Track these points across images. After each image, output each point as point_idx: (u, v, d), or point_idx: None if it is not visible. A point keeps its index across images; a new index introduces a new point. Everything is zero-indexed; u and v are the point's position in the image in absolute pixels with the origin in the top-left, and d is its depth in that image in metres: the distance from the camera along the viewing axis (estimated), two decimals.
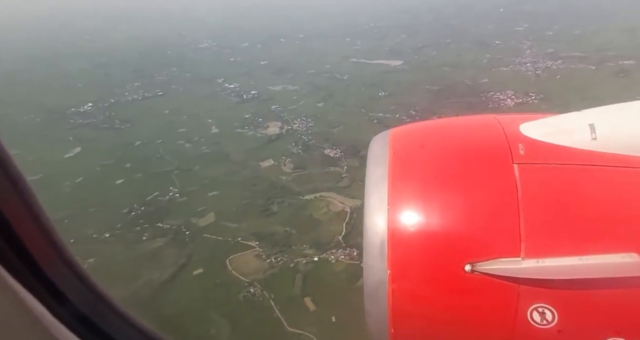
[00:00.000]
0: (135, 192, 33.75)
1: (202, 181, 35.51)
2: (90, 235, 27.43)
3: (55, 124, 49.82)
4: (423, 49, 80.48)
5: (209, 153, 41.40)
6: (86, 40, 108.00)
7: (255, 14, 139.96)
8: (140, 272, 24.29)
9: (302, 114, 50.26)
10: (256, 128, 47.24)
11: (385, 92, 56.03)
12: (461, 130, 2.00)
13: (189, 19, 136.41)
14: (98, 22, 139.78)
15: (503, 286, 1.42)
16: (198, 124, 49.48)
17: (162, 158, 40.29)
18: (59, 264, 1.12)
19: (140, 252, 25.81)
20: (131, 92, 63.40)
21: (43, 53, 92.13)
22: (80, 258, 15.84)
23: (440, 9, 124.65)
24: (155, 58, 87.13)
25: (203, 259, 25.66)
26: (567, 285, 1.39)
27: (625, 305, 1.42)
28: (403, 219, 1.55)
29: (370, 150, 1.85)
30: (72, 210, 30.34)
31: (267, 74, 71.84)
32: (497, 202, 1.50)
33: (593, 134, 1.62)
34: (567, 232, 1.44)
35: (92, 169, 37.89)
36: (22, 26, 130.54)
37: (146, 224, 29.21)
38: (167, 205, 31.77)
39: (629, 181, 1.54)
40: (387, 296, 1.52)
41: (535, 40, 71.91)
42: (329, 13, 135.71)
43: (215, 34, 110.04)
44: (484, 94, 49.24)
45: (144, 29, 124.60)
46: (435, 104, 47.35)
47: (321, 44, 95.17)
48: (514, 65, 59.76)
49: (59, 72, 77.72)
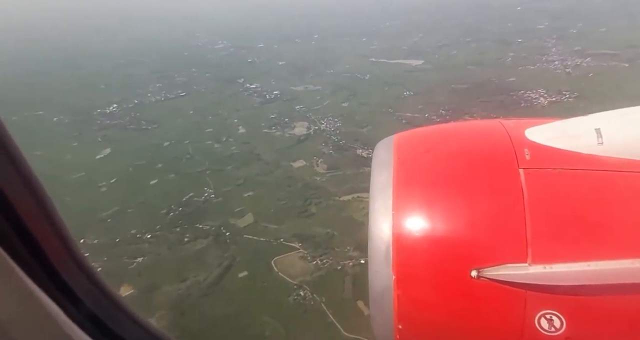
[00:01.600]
0: (170, 192, 33.70)
1: (235, 181, 35.35)
2: (134, 235, 27.40)
3: (84, 125, 50.16)
4: (443, 48, 79.69)
5: (239, 153, 41.25)
6: (102, 41, 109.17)
7: (266, 14, 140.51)
8: (186, 273, 24.15)
9: (328, 114, 49.88)
10: (283, 128, 46.99)
11: (410, 91, 55.40)
12: (466, 135, 1.98)
13: (200, 20, 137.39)
14: (111, 23, 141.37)
15: (510, 292, 1.40)
16: (224, 124, 49.42)
17: (192, 158, 40.25)
18: (72, 264, 1.12)
19: (184, 254, 25.67)
20: (154, 93, 63.68)
21: (61, 54, 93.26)
22: (129, 257, 15.81)
23: (453, 8, 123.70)
24: (173, 59, 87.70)
25: (247, 261, 25.41)
26: (575, 292, 1.36)
27: (635, 312, 1.38)
28: (408, 224, 1.54)
29: (375, 155, 1.84)
30: (112, 211, 30.44)
31: (287, 74, 71.72)
32: (502, 207, 1.49)
33: (599, 139, 1.60)
34: (574, 237, 1.42)
35: (125, 170, 37.97)
36: (37, 27, 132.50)
37: (185, 224, 29.09)
38: (204, 206, 31.64)
39: (636, 186, 1.51)
40: (392, 301, 1.51)
41: (560, 39, 70.64)
42: (339, 13, 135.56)
43: (230, 35, 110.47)
44: (514, 92, 48.34)
45: (158, 29, 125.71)
46: (465, 103, 46.61)
47: (337, 44, 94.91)
48: (541, 64, 58.68)
49: (80, 73, 78.54)
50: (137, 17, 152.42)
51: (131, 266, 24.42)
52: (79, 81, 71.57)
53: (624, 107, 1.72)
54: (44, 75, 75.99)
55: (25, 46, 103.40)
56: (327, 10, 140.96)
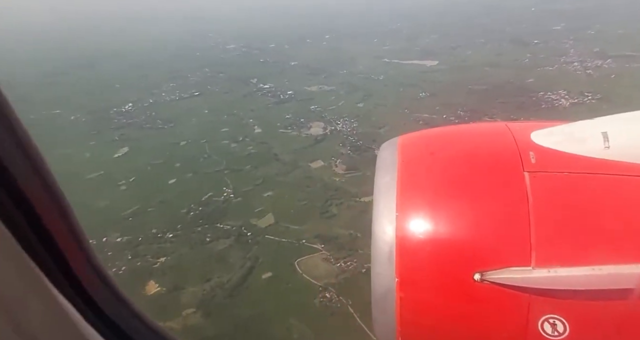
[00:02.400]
0: (189, 192, 33.64)
1: (254, 181, 35.18)
2: (155, 235, 27.34)
3: (100, 123, 50.49)
4: (457, 49, 79.05)
5: (256, 153, 41.13)
6: (116, 42, 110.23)
7: (276, 15, 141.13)
8: (210, 273, 23.98)
9: (344, 115, 49.60)
10: (300, 128, 46.80)
11: (426, 92, 54.92)
12: (471, 137, 1.98)
13: (211, 21, 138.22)
14: (125, 24, 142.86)
15: (513, 296, 1.39)
16: (240, 124, 49.40)
17: (210, 158, 40.22)
18: (90, 271, 1.16)
19: (207, 254, 25.52)
20: (168, 93, 64.03)
21: (77, 54, 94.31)
22: (152, 257, 15.56)
23: (465, 9, 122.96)
24: (187, 59, 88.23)
25: (270, 262, 25.16)
26: (579, 296, 1.36)
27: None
28: (412, 226, 1.53)
29: (379, 156, 1.83)
30: (133, 209, 30.45)
31: (300, 74, 71.66)
32: (507, 211, 1.48)
33: (606, 143, 1.58)
34: (579, 241, 1.41)
35: (144, 169, 38.03)
36: (53, 28, 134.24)
37: (206, 224, 28.96)
38: (224, 206, 31.50)
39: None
40: (395, 304, 1.50)
41: (578, 40, 69.63)
42: (348, 14, 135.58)
43: (241, 36, 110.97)
44: (534, 94, 47.61)
45: (171, 30, 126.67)
46: (484, 104, 46.00)
47: (349, 45, 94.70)
48: (560, 65, 57.82)
49: (95, 73, 79.33)
50: (149, 18, 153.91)
51: (155, 265, 24.34)
52: (95, 81, 72.27)
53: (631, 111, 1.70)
54: (60, 76, 76.86)
55: (41, 47, 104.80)
56: (337, 11, 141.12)
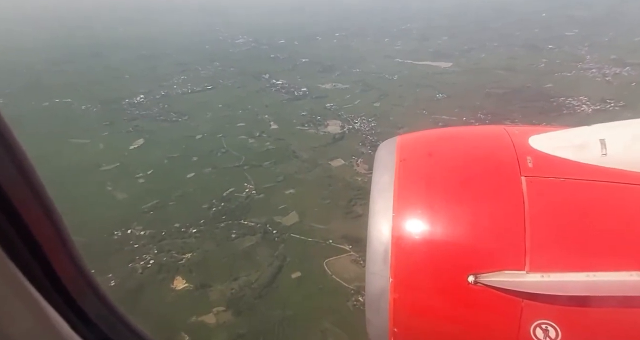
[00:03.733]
0: (209, 186, 33.00)
1: (275, 178, 34.58)
2: (178, 229, 26.72)
3: (113, 114, 49.64)
4: (470, 52, 78.68)
5: (274, 149, 40.52)
6: (123, 32, 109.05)
7: (283, 11, 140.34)
8: (237, 271, 23.39)
9: (361, 113, 49.07)
10: (317, 126, 46.21)
11: (442, 94, 54.48)
12: (470, 140, 1.96)
13: (218, 14, 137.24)
14: (131, 15, 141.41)
15: (506, 300, 1.39)
16: (255, 119, 48.74)
17: (228, 153, 39.57)
18: (80, 279, 1.17)
19: (234, 251, 24.93)
20: (180, 85, 63.25)
21: (83, 43, 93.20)
22: (178, 252, 14.94)
23: (475, 12, 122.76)
24: (196, 52, 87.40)
25: (298, 261, 24.61)
26: (572, 303, 1.35)
27: (632, 326, 1.36)
28: (408, 227, 1.53)
29: (377, 155, 1.81)
30: (153, 203, 29.81)
31: (312, 71, 71.05)
32: (503, 214, 1.49)
33: (603, 150, 1.59)
34: (573, 247, 1.41)
35: (160, 162, 37.33)
36: (58, 17, 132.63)
37: (229, 220, 28.36)
38: (246, 202, 30.89)
39: (638, 198, 1.49)
40: (389, 305, 1.50)
41: (593, 46, 69.44)
42: (357, 13, 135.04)
43: (249, 30, 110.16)
44: (554, 99, 47.27)
45: (178, 23, 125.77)
46: (503, 108, 45.64)
47: (359, 44, 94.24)
48: (577, 71, 57.55)
49: (103, 62, 78.31)
50: (155, 9, 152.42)
51: (181, 261, 23.72)
52: (103, 71, 71.29)
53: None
54: (68, 64, 75.80)
55: (47, 34, 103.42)
56: (345, 9, 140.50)
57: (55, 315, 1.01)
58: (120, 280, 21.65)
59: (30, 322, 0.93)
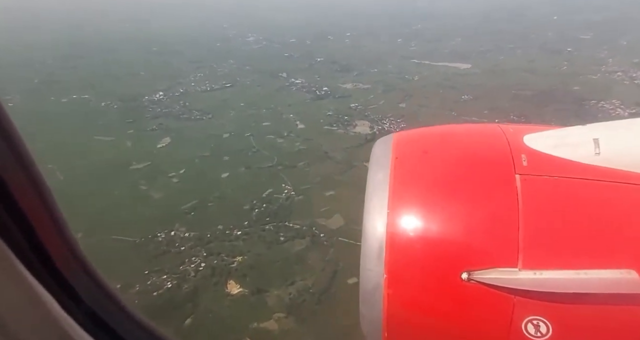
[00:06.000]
0: (246, 187, 32.11)
1: (312, 179, 33.75)
2: (223, 231, 25.84)
3: (134, 112, 48.59)
4: (487, 53, 78.27)
5: (306, 150, 39.70)
6: (131, 28, 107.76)
7: (288, 10, 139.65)
8: (292, 276, 22.56)
9: (388, 114, 48.37)
10: (345, 127, 45.44)
11: (468, 95, 53.89)
12: (465, 137, 1.97)
13: (223, 11, 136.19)
14: (133, 9, 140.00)
15: (499, 296, 1.41)
16: (281, 119, 47.91)
17: (259, 152, 38.69)
18: (72, 261, 1.14)
19: (285, 254, 24.08)
20: (197, 83, 62.29)
21: (91, 39, 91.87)
22: (227, 255, 14.06)
23: (486, 14, 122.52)
24: (208, 49, 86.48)
25: (351, 266, 23.64)
26: (563, 299, 1.38)
27: (622, 322, 1.39)
28: (402, 223, 1.54)
29: (372, 153, 1.81)
30: (192, 204, 28.92)
31: (330, 70, 70.32)
32: (497, 212, 1.50)
33: (597, 149, 1.60)
34: (566, 245, 1.43)
35: (191, 161, 36.39)
36: (64, 13, 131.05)
37: (273, 222, 27.51)
38: (287, 204, 30.04)
39: (630, 197, 1.51)
40: (383, 300, 1.51)
41: (612, 50, 69.19)
42: (365, 13, 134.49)
43: (258, 28, 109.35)
44: (586, 102, 46.83)
45: (184, 19, 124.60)
46: (535, 110, 45.11)
47: (373, 44, 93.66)
48: (602, 74, 57.21)
49: (116, 59, 77.12)
50: (158, 5, 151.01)
51: (232, 265, 22.84)
52: (116, 67, 70.15)
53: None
54: (80, 59, 74.56)
55: (53, 32, 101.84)
56: (353, 9, 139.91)
57: (48, 297, 0.97)
58: (176, 283, 20.82)
59: (22, 303, 0.91)
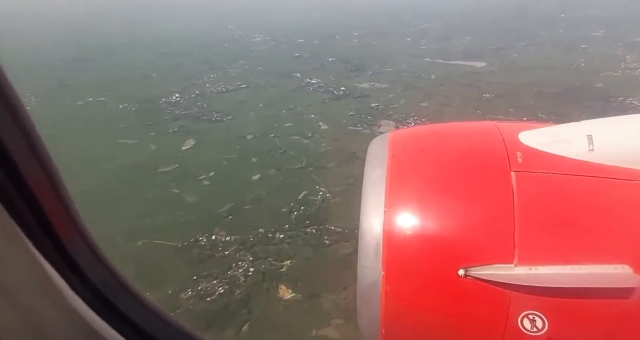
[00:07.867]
0: (280, 189, 31.33)
1: (345, 181, 32.86)
2: (265, 235, 25.03)
3: (153, 114, 47.75)
4: (500, 51, 77.76)
5: (333, 150, 38.90)
6: (134, 30, 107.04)
7: (291, 10, 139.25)
8: (344, 280, 21.65)
9: (412, 114, 47.65)
10: (370, 126, 44.69)
11: (489, 94, 53.27)
12: (461, 135, 1.96)
13: (225, 13, 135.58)
14: (137, 12, 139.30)
15: (495, 292, 1.42)
16: (302, 119, 47.15)
17: (287, 153, 37.90)
18: (78, 239, 1.13)
19: (333, 258, 23.25)
20: (212, 84, 61.55)
21: (99, 41, 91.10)
22: (275, 259, 13.27)
23: (491, 12, 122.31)
24: (217, 50, 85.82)
25: None
26: (558, 294, 1.39)
27: (616, 316, 1.41)
28: (399, 221, 1.54)
29: (369, 151, 1.82)
30: (228, 206, 28.09)
31: (343, 70, 69.69)
32: (493, 209, 1.50)
33: (590, 145, 1.61)
34: (560, 241, 1.44)
35: (219, 163, 35.56)
36: (69, 16, 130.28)
37: (314, 224, 26.72)
38: (325, 206, 29.24)
39: (624, 193, 1.51)
40: (380, 297, 1.51)
41: (628, 47, 68.77)
42: (368, 12, 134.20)
43: (263, 29, 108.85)
44: (613, 98, 46.21)
45: (188, 20, 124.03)
46: (562, 107, 44.44)
47: (382, 43, 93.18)
48: (623, 71, 56.73)
49: (125, 60, 76.38)
50: (160, 7, 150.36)
51: (281, 269, 22.05)
52: (128, 69, 69.35)
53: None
54: (89, 61, 73.78)
55: (61, 34, 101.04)
56: (355, 9, 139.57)
57: (49, 267, 0.96)
58: (227, 288, 20.06)
59: (26, 274, 0.91)
